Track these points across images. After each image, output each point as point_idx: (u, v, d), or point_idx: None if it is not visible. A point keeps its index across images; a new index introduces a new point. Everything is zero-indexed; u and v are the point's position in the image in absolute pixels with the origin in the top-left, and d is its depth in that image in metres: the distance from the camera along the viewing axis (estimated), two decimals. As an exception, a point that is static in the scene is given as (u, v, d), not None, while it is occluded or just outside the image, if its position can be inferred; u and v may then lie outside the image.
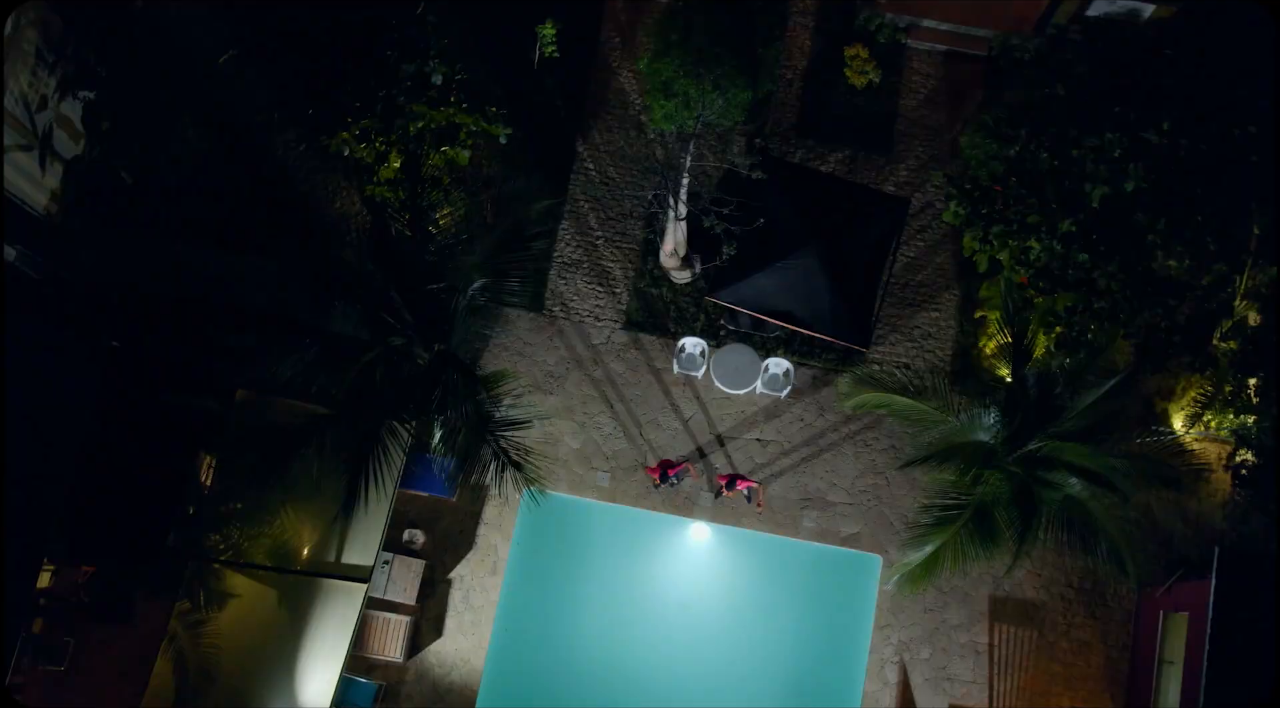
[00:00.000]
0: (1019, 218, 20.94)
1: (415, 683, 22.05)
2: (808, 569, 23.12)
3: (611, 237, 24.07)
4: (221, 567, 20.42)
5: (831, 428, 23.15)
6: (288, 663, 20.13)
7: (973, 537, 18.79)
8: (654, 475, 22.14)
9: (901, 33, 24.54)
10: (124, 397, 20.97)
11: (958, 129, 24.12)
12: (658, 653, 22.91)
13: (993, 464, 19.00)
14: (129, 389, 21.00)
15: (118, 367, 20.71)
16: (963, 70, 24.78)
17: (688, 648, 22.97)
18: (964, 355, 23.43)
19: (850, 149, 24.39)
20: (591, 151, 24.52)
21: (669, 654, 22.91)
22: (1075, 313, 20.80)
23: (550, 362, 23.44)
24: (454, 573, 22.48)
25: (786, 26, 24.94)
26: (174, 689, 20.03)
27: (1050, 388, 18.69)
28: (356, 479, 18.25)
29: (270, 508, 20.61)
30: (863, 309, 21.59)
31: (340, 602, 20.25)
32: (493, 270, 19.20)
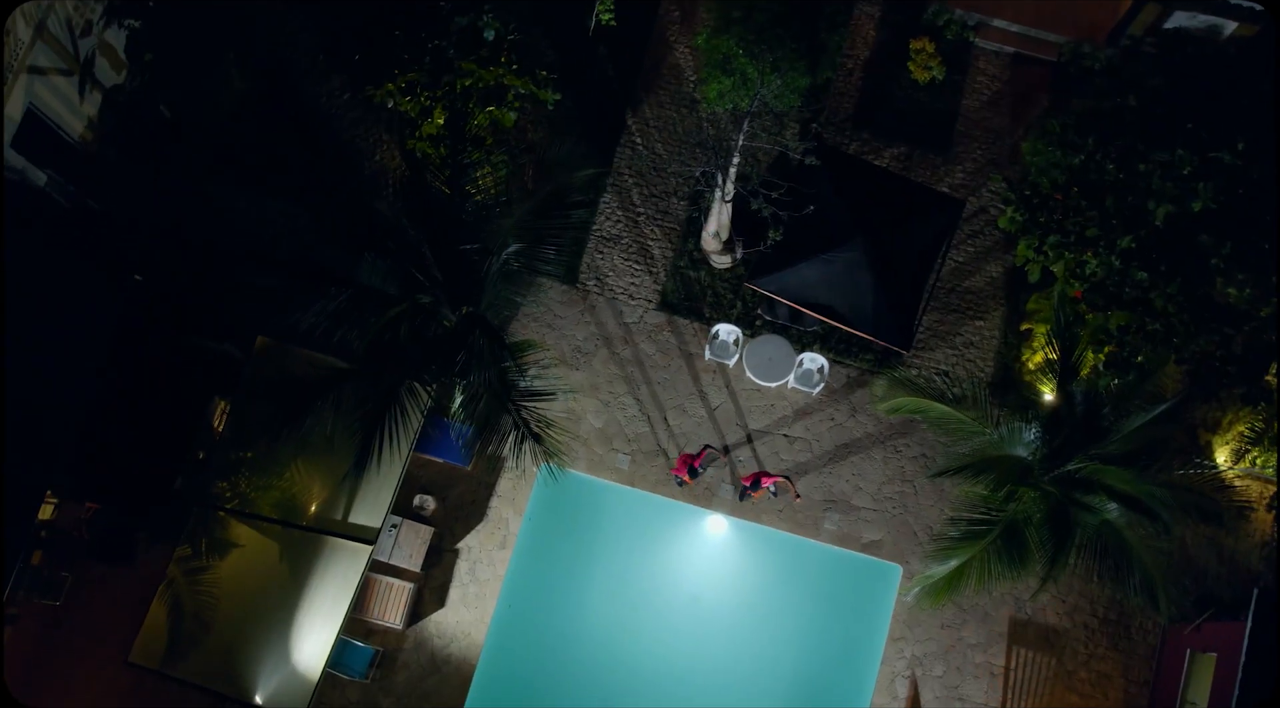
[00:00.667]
0: (1077, 230, 19.97)
1: (413, 652, 21.32)
2: (824, 573, 22.20)
3: (653, 214, 23.22)
4: (226, 515, 19.75)
5: (862, 430, 22.23)
6: (285, 619, 19.45)
7: (1000, 555, 17.92)
8: (681, 474, 21.30)
9: (970, 31, 23.53)
10: (142, 334, 20.34)
11: (1020, 134, 23.12)
12: (663, 645, 22.06)
13: (1028, 482, 18.10)
14: (148, 327, 20.36)
15: (139, 302, 20.09)
16: (1030, 74, 23.74)
17: (694, 642, 22.10)
18: (1005, 368, 22.45)
19: (907, 145, 23.41)
20: (640, 126, 23.65)
21: (674, 647, 22.05)
22: (1128, 333, 19.81)
23: (579, 336, 22.63)
24: (462, 543, 21.73)
25: (852, 14, 23.97)
26: (167, 635, 19.42)
27: (1097, 408, 17.75)
28: (370, 437, 17.52)
29: (281, 460, 19.91)
30: (906, 310, 20.65)
31: (344, 562, 19.54)
32: (529, 235, 18.44)
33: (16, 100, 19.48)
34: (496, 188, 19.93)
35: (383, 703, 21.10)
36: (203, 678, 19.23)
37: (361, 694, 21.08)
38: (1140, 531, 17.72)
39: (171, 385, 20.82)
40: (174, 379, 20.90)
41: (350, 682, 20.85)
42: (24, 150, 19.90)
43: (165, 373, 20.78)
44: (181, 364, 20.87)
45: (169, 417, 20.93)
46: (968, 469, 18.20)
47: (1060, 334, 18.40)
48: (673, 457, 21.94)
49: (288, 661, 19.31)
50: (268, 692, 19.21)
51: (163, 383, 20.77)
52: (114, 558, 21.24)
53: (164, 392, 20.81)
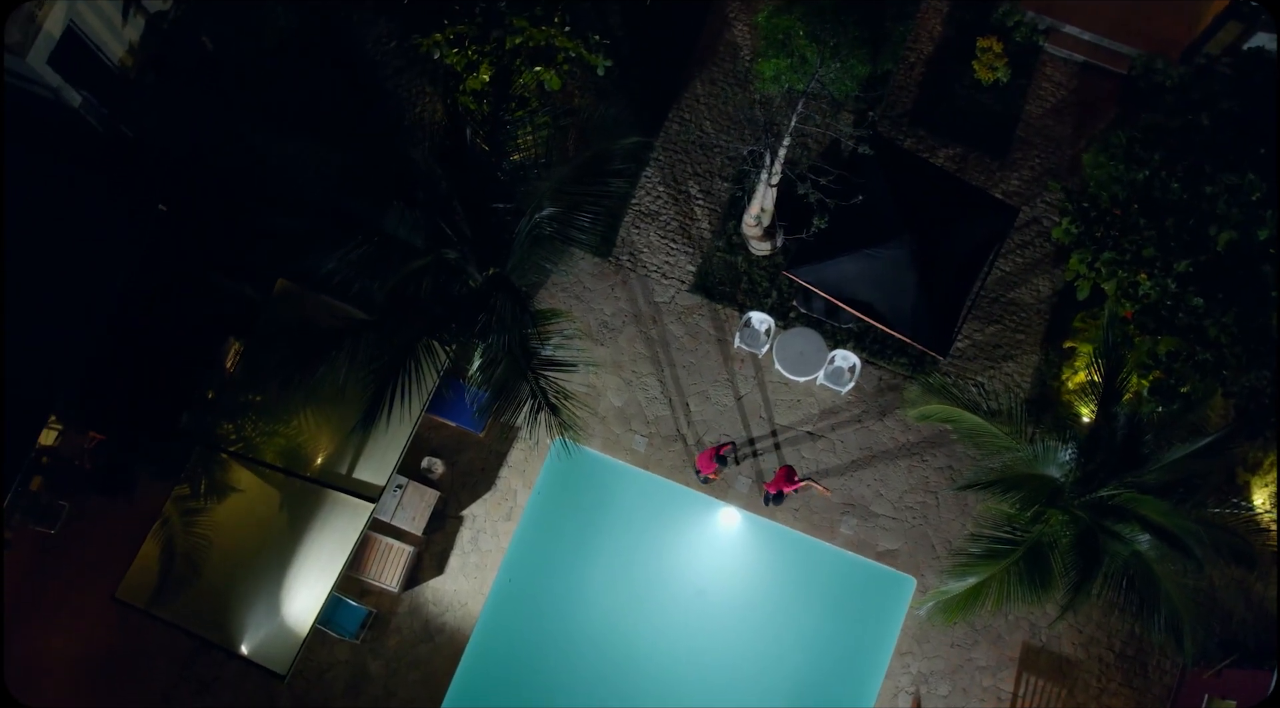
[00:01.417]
0: (1134, 248, 18.93)
1: (406, 616, 20.59)
2: (835, 578, 21.25)
3: (695, 193, 22.29)
4: (229, 458, 19.05)
5: (889, 436, 21.29)
6: (278, 570, 18.77)
7: (1021, 578, 16.99)
8: (708, 471, 20.46)
9: (1040, 35, 22.46)
10: (162, 266, 19.66)
11: (1081, 146, 22.05)
12: (663, 636, 21.18)
13: (1058, 504, 17.16)
14: (168, 259, 19.67)
15: (161, 233, 19.39)
16: (1097, 85, 22.66)
17: (696, 636, 21.21)
18: (1043, 385, 21.44)
19: (963, 146, 22.38)
20: (691, 102, 22.72)
21: (675, 639, 21.17)
22: (1177, 360, 18.78)
23: (607, 311, 21.77)
24: (467, 511, 20.97)
25: (920, 7, 22.95)
26: (157, 574, 18.77)
27: (1139, 434, 16.79)
28: (382, 392, 16.77)
29: (290, 407, 19.17)
30: (947, 315, 19.68)
31: (344, 518, 18.81)
32: (564, 200, 17.59)
33: (57, 17, 18.81)
34: (536, 150, 19.06)
35: (371, 666, 20.39)
36: (188, 621, 18.56)
37: (351, 654, 20.36)
38: (1170, 566, 16.76)
39: (187, 321, 20.12)
40: (190, 315, 20.18)
41: (340, 641, 20.16)
42: (61, 69, 19.23)
43: (181, 308, 20.07)
44: (198, 301, 20.15)
45: (181, 352, 20.24)
46: (996, 485, 17.28)
47: (1106, 355, 17.40)
48: (691, 443, 21.08)
49: (277, 612, 18.62)
50: (254, 642, 18.54)
51: (178, 318, 20.08)
52: (113, 491, 20.60)
53: (179, 327, 20.12)
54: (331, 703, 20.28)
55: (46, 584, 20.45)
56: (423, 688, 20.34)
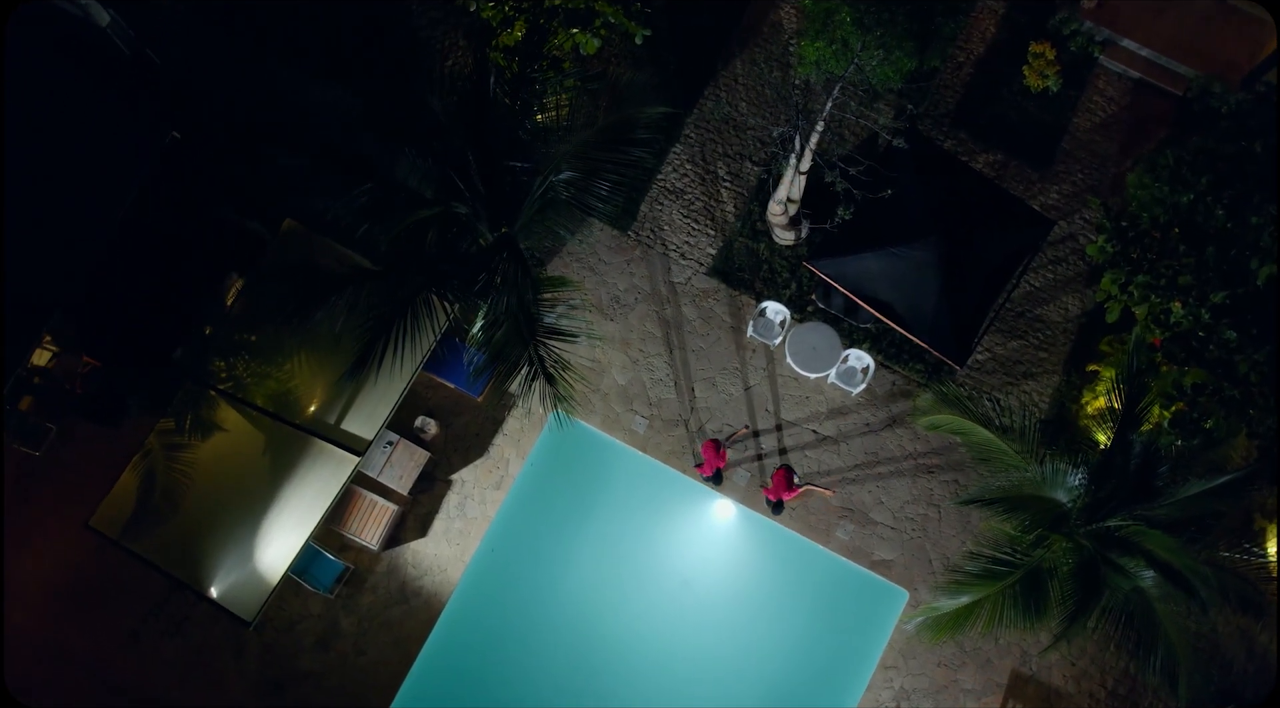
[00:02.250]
0: (1170, 274, 17.93)
1: (384, 576, 19.95)
2: (826, 583, 20.40)
3: (723, 175, 21.45)
4: (217, 396, 18.41)
5: (896, 443, 20.42)
6: (256, 515, 18.15)
7: (1016, 602, 16.15)
8: (718, 464, 19.60)
9: (1096, 46, 21.43)
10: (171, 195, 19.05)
11: (1127, 165, 21.04)
12: (644, 624, 20.41)
13: (1063, 530, 16.29)
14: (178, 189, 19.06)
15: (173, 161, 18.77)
16: (1150, 104, 21.63)
17: (678, 628, 20.42)
18: (1061, 407, 20.52)
19: (1004, 153, 21.38)
20: (728, 81, 21.83)
21: (656, 628, 20.40)
22: (1202, 393, 17.79)
23: (621, 286, 20.99)
24: (457, 476, 20.28)
25: (975, 6, 21.97)
26: (133, 506, 18.21)
27: (1154, 466, 15.90)
28: (374, 343, 16.05)
29: (284, 351, 18.52)
30: (968, 324, 18.75)
31: (327, 468, 18.16)
32: (583, 165, 16.78)
33: (92, -66, 18.29)
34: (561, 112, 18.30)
35: (343, 622, 19.78)
36: (159, 558, 17.98)
37: (324, 608, 19.76)
38: (1173, 607, 15.86)
39: (192, 253, 19.54)
40: (195, 247, 19.61)
41: (314, 594, 19.56)
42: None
43: (187, 239, 19.49)
44: (205, 233, 19.57)
45: (183, 284, 19.65)
46: (1000, 504, 16.44)
47: (1129, 381, 16.50)
48: (693, 429, 20.32)
49: (250, 558, 18.02)
50: (224, 586, 17.96)
51: (183, 249, 19.50)
52: (102, 419, 20.07)
53: (183, 258, 19.54)
54: (300, 655, 19.70)
55: (25, 505, 19.95)
56: (393, 650, 19.71)
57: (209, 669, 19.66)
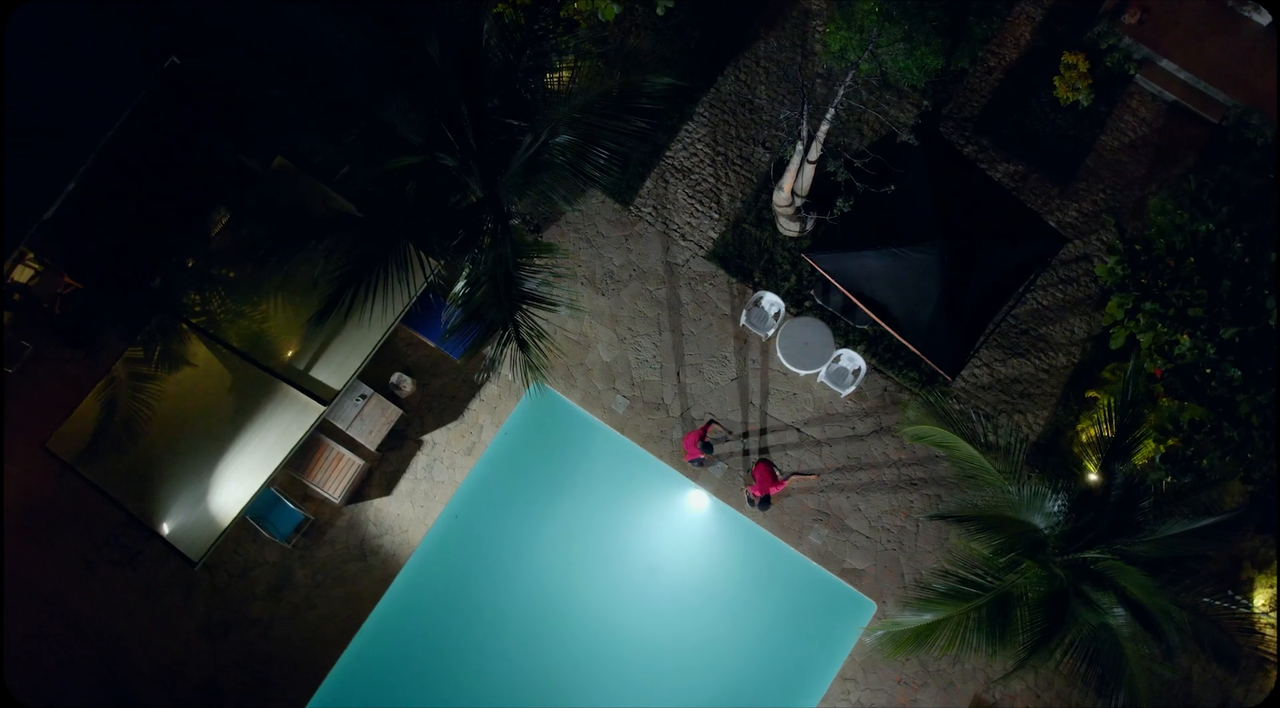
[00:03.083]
0: (1180, 304, 17.13)
1: (343, 531, 19.44)
2: (794, 586, 19.71)
3: (733, 158, 20.74)
4: (189, 330, 17.87)
5: (880, 451, 19.68)
6: (214, 454, 17.64)
7: (981, 626, 15.38)
8: (694, 456, 19.01)
9: (1133, 64, 20.55)
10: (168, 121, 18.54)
11: (1152, 189, 20.19)
12: (605, 609, 19.85)
13: (1037, 557, 15.53)
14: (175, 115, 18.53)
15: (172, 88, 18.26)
16: (1183, 129, 20.71)
17: (639, 615, 19.86)
18: (1056, 432, 19.72)
19: (1025, 165, 20.54)
20: (749, 63, 21.06)
21: (617, 614, 19.86)
22: (1199, 431, 17.02)
23: (616, 261, 20.33)
24: (428, 437, 19.73)
25: (1011, 10, 21.14)
26: (92, 432, 17.73)
27: (1135, 499, 15.12)
28: (344, 290, 15.49)
29: (262, 291, 17.95)
30: (965, 335, 18.01)
31: (291, 415, 17.61)
32: (583, 131, 16.12)
33: None
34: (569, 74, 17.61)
35: (297, 572, 19.29)
36: (112, 487, 17.50)
37: (280, 557, 19.27)
38: (1143, 648, 15.10)
39: (183, 182, 18.99)
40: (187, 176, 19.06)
41: (271, 541, 19.07)
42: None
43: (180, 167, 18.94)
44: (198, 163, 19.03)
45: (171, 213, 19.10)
46: (973, 522, 15.73)
47: (1122, 409, 15.73)
48: (675, 415, 19.69)
49: (204, 498, 17.52)
50: (174, 523, 17.47)
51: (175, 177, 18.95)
52: (77, 343, 19.66)
53: (174, 186, 18.99)
54: (250, 602, 19.22)
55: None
56: (344, 607, 19.20)
57: (158, 605, 19.22)
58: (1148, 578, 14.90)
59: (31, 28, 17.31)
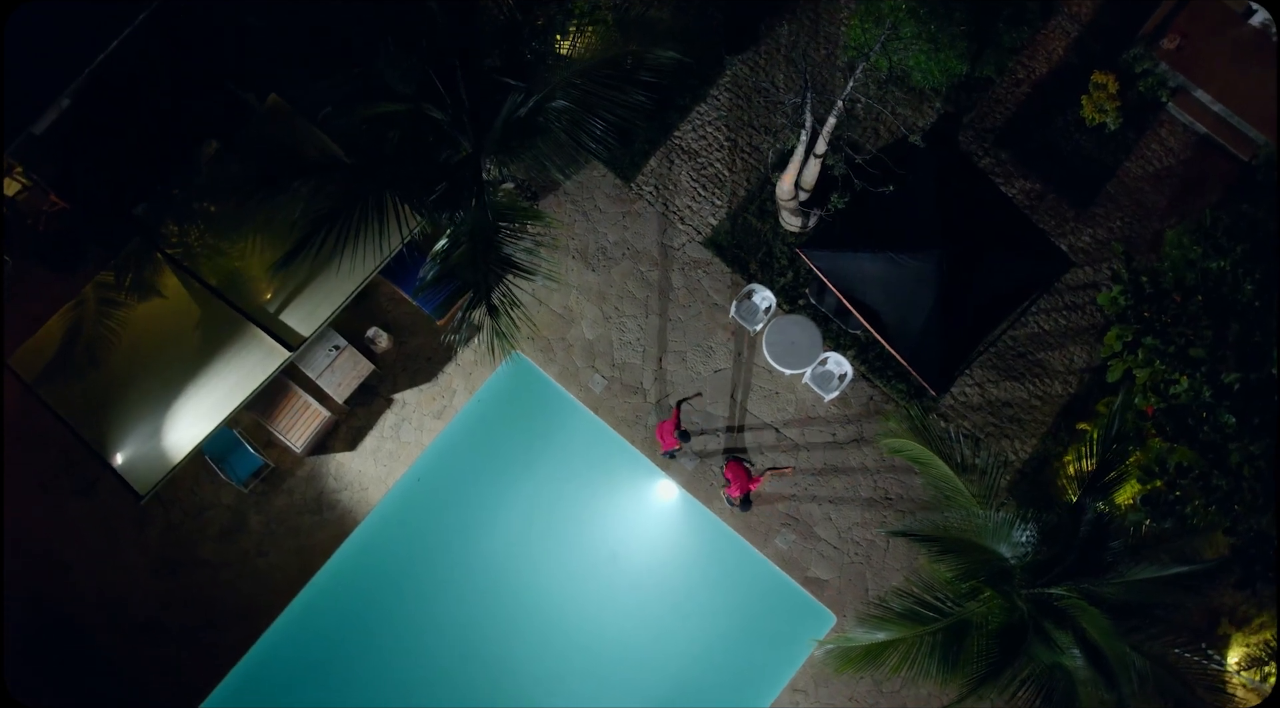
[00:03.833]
0: (1182, 342, 16.35)
1: (302, 482, 18.99)
2: (754, 589, 19.05)
3: (743, 146, 20.04)
4: (163, 260, 17.30)
5: (858, 460, 19.01)
6: (175, 388, 17.10)
7: (934, 651, 14.69)
8: (673, 438, 18.38)
9: (1166, 91, 19.68)
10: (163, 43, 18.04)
11: (1172, 222, 19.34)
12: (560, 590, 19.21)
13: (1000, 587, 14.85)
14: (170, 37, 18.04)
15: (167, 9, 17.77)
16: (1211, 163, 19.82)
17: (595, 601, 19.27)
18: (1041, 462, 18.99)
19: (1043, 183, 19.72)
20: (770, 49, 20.26)
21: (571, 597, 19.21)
22: (1187, 475, 16.25)
23: (611, 238, 19.70)
24: (399, 396, 19.23)
25: (1045, 23, 20.30)
26: (54, 353, 17.26)
27: (1104, 537, 14.42)
28: (314, 234, 14.98)
29: (242, 230, 17.33)
30: (956, 350, 17.27)
31: (257, 358, 17.03)
32: (578, 97, 15.48)
33: None
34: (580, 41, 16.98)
35: (252, 518, 18.86)
36: (68, 412, 17.00)
37: (235, 501, 18.85)
38: (1099, 693, 14.45)
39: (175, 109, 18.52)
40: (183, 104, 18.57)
41: (227, 484, 18.62)
42: None
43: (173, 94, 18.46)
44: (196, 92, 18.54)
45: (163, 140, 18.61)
46: (935, 542, 15.01)
47: (1106, 444, 15.01)
48: (652, 401, 19.10)
49: (159, 432, 17.02)
50: (126, 454, 16.98)
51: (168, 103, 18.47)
52: (57, 263, 19.26)
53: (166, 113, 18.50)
54: (201, 543, 18.82)
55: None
56: (295, 559, 18.77)
57: (109, 537, 18.84)
58: (1109, 621, 14.20)
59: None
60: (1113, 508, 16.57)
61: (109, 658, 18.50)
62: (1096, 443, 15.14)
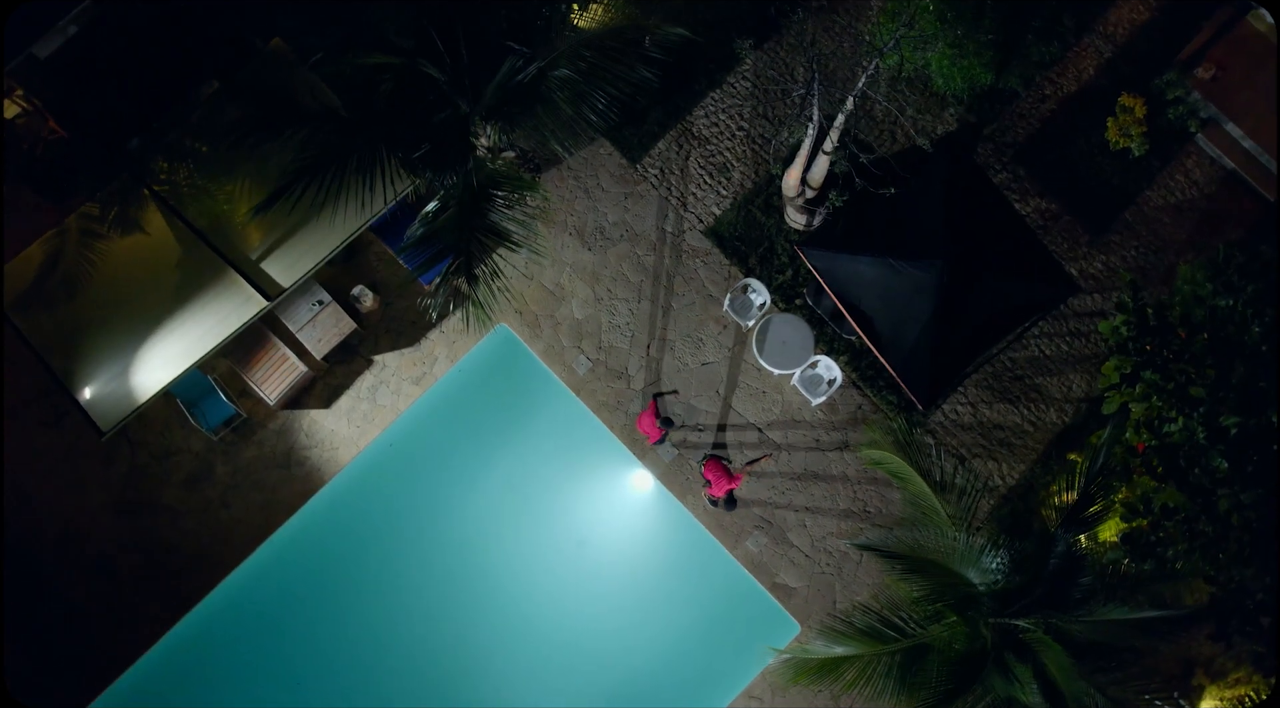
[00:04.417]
0: (1182, 379, 15.71)
1: (273, 435, 18.60)
2: (720, 589, 18.52)
3: (755, 136, 19.46)
4: (150, 196, 16.89)
5: (840, 470, 18.46)
6: (148, 327, 16.64)
7: (891, 672, 14.17)
8: (655, 429, 17.90)
9: (1196, 121, 18.98)
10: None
11: (1188, 256, 18.67)
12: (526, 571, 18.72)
13: (965, 612, 14.29)
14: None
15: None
16: (1235, 201, 19.11)
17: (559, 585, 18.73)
18: (1027, 489, 18.41)
19: (1059, 204, 19.08)
20: (793, 41, 19.64)
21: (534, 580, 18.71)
22: (1171, 517, 15.61)
23: (611, 218, 19.19)
24: (380, 357, 18.79)
25: (1078, 39, 19.62)
26: (30, 281, 16.87)
27: (1073, 572, 13.83)
28: (296, 182, 14.63)
29: (232, 174, 16.85)
30: (947, 366, 16.71)
31: (233, 304, 16.57)
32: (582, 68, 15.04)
33: None
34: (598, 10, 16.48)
35: (218, 467, 18.48)
36: (39, 341, 16.64)
37: (203, 448, 18.47)
38: (1055, 731, 13.91)
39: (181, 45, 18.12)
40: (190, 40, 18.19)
41: (197, 430, 18.24)
42: None
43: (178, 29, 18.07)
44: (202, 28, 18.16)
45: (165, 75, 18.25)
46: (902, 560, 14.44)
47: (1090, 476, 14.43)
48: (636, 388, 18.60)
49: (128, 370, 16.58)
50: (94, 389, 16.57)
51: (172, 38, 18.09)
52: (49, 192, 18.91)
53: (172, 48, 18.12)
54: (165, 487, 18.44)
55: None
56: (259, 513, 18.37)
57: (74, 471, 18.49)
58: (1070, 660, 13.59)
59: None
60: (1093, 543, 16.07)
61: (61, 594, 18.15)
62: (1081, 474, 14.60)
